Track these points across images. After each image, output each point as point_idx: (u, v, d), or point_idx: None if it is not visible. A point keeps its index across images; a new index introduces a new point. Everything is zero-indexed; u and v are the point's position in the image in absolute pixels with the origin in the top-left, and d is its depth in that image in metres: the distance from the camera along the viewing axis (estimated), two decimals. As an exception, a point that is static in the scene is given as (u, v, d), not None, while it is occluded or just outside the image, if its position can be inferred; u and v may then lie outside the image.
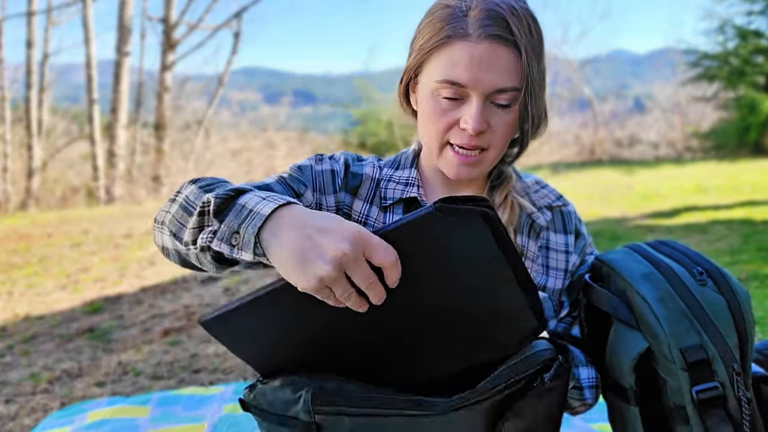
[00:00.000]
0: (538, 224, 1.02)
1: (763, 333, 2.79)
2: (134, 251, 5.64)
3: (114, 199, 10.62)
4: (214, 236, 0.68)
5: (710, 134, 14.26)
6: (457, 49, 0.85)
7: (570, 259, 1.05)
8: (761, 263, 4.04)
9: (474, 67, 0.84)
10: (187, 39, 12.72)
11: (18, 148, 11.25)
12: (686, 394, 0.84)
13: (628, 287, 0.92)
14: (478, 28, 0.84)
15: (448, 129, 0.90)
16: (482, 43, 0.83)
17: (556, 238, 1.04)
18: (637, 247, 1.00)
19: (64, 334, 3.34)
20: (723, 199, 7.06)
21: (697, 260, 0.94)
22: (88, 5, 11.36)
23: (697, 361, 0.83)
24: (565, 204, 1.07)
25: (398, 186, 0.99)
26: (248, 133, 14.77)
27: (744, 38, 13.73)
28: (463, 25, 0.85)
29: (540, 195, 1.05)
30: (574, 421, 1.92)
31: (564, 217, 1.06)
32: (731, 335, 0.85)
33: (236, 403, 2.16)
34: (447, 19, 0.86)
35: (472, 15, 0.85)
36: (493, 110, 0.88)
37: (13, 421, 2.26)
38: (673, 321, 0.85)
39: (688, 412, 0.84)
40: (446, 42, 0.86)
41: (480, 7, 0.85)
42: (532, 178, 1.08)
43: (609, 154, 14.60)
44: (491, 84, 0.85)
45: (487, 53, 0.84)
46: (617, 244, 5.01)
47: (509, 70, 0.85)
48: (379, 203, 0.98)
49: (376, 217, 0.98)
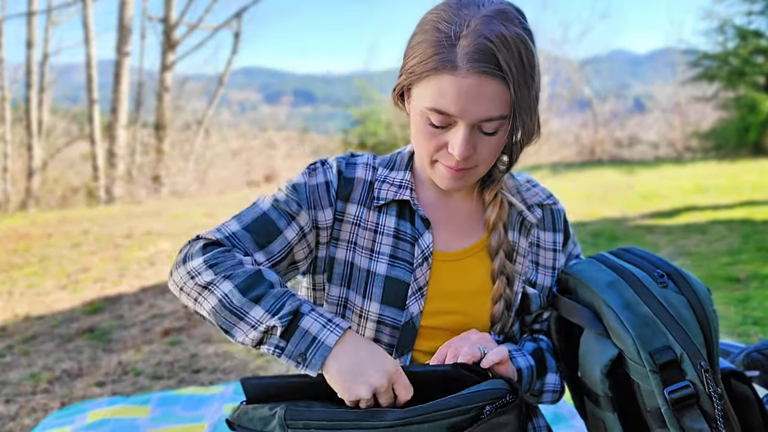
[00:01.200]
0: (528, 221, 1.04)
1: (763, 333, 2.79)
2: (134, 251, 5.64)
3: (114, 199, 10.62)
4: (282, 352, 0.85)
5: (710, 134, 14.25)
6: (445, 81, 0.86)
7: (558, 257, 1.08)
8: (761, 263, 4.04)
9: (462, 99, 0.85)
10: (187, 39, 12.74)
11: (18, 148, 11.26)
12: (659, 395, 0.86)
13: (595, 296, 0.94)
14: (467, 62, 0.84)
15: (436, 151, 0.92)
16: (470, 78, 0.84)
17: (545, 236, 1.07)
18: (601, 257, 1.03)
19: (64, 334, 3.34)
20: (723, 199, 7.06)
21: (658, 264, 0.96)
22: (88, 5, 11.37)
23: (666, 362, 0.85)
24: (555, 203, 1.09)
25: (391, 188, 1.02)
26: (248, 133, 14.78)
27: (744, 38, 13.73)
28: (452, 57, 0.85)
29: (531, 193, 1.07)
30: (574, 422, 1.92)
31: (554, 216, 1.08)
32: (696, 333, 0.87)
33: (236, 403, 2.16)
34: (436, 46, 0.86)
35: (461, 46, 0.84)
36: (480, 136, 0.90)
37: (13, 421, 2.26)
38: (639, 325, 0.88)
39: (663, 413, 0.86)
40: (434, 72, 0.86)
41: (470, 38, 0.84)
42: (524, 176, 1.10)
43: (609, 154, 14.60)
44: (478, 115, 0.87)
45: (475, 87, 0.85)
46: (617, 244, 5.01)
47: (496, 100, 0.86)
48: (371, 204, 1.01)
49: (369, 218, 1.01)
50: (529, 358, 1.00)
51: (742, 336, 2.75)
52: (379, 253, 1.00)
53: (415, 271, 0.99)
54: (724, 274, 3.82)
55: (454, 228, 1.03)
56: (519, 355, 0.99)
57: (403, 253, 1.00)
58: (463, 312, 1.01)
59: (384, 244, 1.00)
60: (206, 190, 11.47)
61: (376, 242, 1.01)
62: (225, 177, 12.20)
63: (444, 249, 1.02)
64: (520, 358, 0.98)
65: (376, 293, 1.00)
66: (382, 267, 1.00)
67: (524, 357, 0.99)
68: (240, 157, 13.24)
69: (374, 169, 1.04)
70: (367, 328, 1.01)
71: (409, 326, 0.99)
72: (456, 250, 1.02)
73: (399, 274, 0.99)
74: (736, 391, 0.94)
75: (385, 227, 1.01)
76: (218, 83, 13.52)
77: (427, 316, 1.00)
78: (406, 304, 0.99)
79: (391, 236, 1.01)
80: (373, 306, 1.00)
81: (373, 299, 1.00)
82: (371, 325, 1.00)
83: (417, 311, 0.99)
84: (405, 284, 0.99)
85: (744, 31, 13.71)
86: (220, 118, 14.49)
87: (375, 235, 1.01)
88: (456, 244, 1.02)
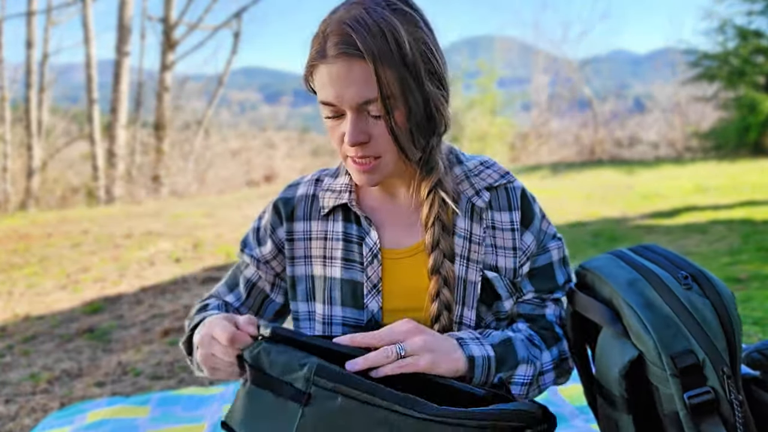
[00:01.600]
0: (477, 206, 1.02)
1: (763, 333, 2.79)
2: (134, 251, 5.64)
3: (114, 199, 10.62)
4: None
5: (710, 134, 14.25)
6: (321, 72, 0.90)
7: (518, 237, 1.03)
8: (761, 263, 4.04)
9: (335, 84, 0.89)
10: (187, 39, 12.75)
11: (18, 148, 11.26)
12: (678, 400, 0.83)
13: (615, 295, 0.92)
14: (332, 47, 0.88)
15: (339, 143, 0.95)
16: (337, 62, 0.88)
17: (501, 216, 1.03)
18: (621, 254, 1.00)
19: (64, 334, 3.34)
20: (723, 199, 7.06)
21: (681, 264, 0.93)
22: (88, 5, 11.37)
23: (687, 367, 0.83)
24: (510, 181, 1.05)
25: (332, 194, 1.05)
26: (248, 133, 14.78)
27: (744, 38, 13.74)
28: (323, 47, 0.90)
29: (483, 176, 1.04)
30: (574, 422, 1.92)
31: (509, 194, 1.04)
32: (719, 338, 0.85)
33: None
34: (315, 41, 0.92)
35: (330, 36, 0.89)
36: (371, 121, 0.91)
37: (13, 421, 2.26)
38: (660, 327, 0.85)
39: (681, 418, 0.84)
40: (314, 66, 0.92)
41: (333, 27, 0.89)
42: (478, 159, 1.07)
43: (609, 154, 14.61)
44: (353, 97, 0.88)
45: (343, 70, 0.88)
46: (617, 244, 5.01)
47: (367, 81, 0.87)
48: (318, 215, 1.06)
49: (319, 227, 1.05)
50: (487, 347, 0.94)
51: (742, 336, 2.75)
52: (332, 258, 1.03)
53: (367, 270, 1.01)
54: (725, 275, 3.82)
55: (401, 226, 1.04)
56: (474, 343, 0.94)
57: (354, 254, 1.02)
58: (420, 308, 1.00)
59: (335, 248, 1.03)
60: (206, 190, 11.48)
61: (327, 248, 1.04)
62: (225, 177, 12.21)
63: (394, 247, 1.02)
64: (474, 345, 0.93)
65: (335, 297, 1.02)
66: (337, 271, 1.02)
67: (480, 346, 0.94)
68: (240, 157, 13.24)
69: (317, 181, 1.09)
70: (333, 332, 1.02)
71: (373, 324, 1.00)
72: (405, 247, 1.02)
73: (353, 275, 1.02)
74: (756, 397, 0.92)
75: (335, 233, 1.04)
76: (218, 83, 13.52)
77: (389, 314, 1.01)
78: (364, 303, 1.01)
79: (341, 240, 1.03)
80: (335, 310, 1.02)
81: (334, 303, 1.02)
82: (337, 329, 1.02)
83: (377, 308, 1.00)
84: (360, 284, 1.01)
85: (744, 31, 13.72)
86: (219, 118, 14.51)
87: (326, 242, 1.04)
88: (405, 241, 1.03)
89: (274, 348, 0.80)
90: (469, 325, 1.00)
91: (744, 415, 0.83)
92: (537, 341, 1.03)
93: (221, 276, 4.51)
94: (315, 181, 1.10)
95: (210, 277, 4.50)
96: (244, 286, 1.12)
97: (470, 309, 1.00)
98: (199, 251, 5.53)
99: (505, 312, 1.04)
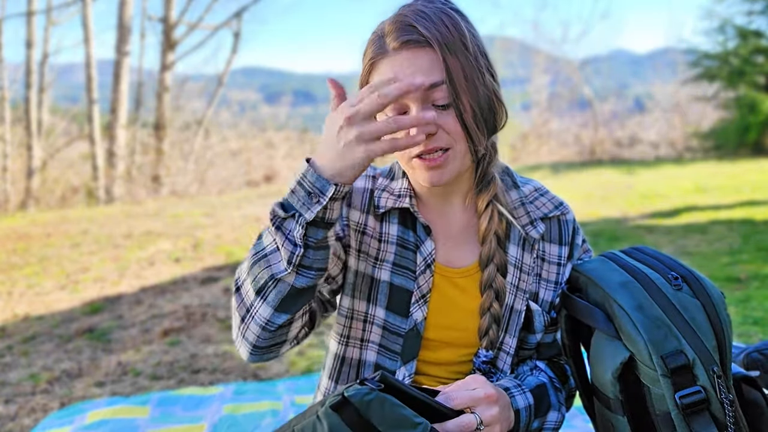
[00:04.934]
0: (531, 237, 1.01)
1: (763, 333, 2.79)
2: (134, 251, 5.64)
3: (114, 199, 10.61)
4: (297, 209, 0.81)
5: (710, 134, 14.25)
6: (382, 67, 0.90)
7: (562, 272, 1.04)
8: (761, 263, 4.04)
9: (400, 75, 0.86)
10: (187, 39, 12.73)
11: (18, 148, 11.25)
12: (670, 400, 0.84)
13: (607, 297, 0.92)
14: (393, 40, 0.88)
15: None
16: (400, 53, 0.88)
17: (551, 249, 1.03)
18: (613, 256, 1.01)
19: (64, 334, 3.34)
20: (723, 199, 7.06)
21: (672, 265, 0.94)
22: (88, 5, 11.36)
23: (678, 367, 0.84)
24: (564, 213, 1.06)
25: (391, 196, 1.02)
26: (248, 133, 14.75)
27: (744, 38, 13.73)
28: (382, 44, 0.90)
29: (537, 204, 1.04)
30: (574, 422, 1.92)
31: (561, 227, 1.05)
32: (709, 338, 0.86)
33: (236, 403, 2.15)
34: (370, 44, 0.92)
35: (387, 32, 0.90)
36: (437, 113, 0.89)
37: (13, 421, 2.26)
38: (651, 328, 0.86)
39: (673, 417, 0.84)
40: (373, 64, 0.91)
41: (390, 22, 0.90)
42: (532, 185, 1.07)
43: (609, 154, 14.60)
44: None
45: (407, 59, 0.87)
46: (617, 244, 5.01)
47: (432, 67, 0.87)
48: (374, 212, 1.01)
49: (374, 226, 1.01)
50: (528, 395, 0.96)
51: (742, 336, 2.75)
52: (383, 261, 1.00)
53: (418, 279, 0.99)
54: (725, 274, 3.82)
55: (454, 242, 1.02)
56: (518, 392, 0.95)
57: (407, 261, 0.99)
58: (462, 328, 1.00)
59: (388, 252, 1.00)
60: (206, 190, 11.47)
61: (380, 250, 1.01)
62: (225, 177, 12.20)
63: (445, 263, 1.01)
64: (519, 396, 0.95)
65: (381, 299, 1.00)
66: (386, 274, 1.00)
67: (523, 395, 0.96)
68: (240, 157, 13.22)
69: (373, 178, 1.04)
70: (372, 332, 1.00)
71: (413, 333, 0.98)
72: (456, 268, 1.01)
73: (402, 282, 0.99)
74: (747, 396, 0.92)
75: (389, 235, 1.01)
76: (218, 83, 13.51)
77: (430, 328, 0.99)
78: (409, 311, 0.98)
79: (395, 244, 1.00)
80: (378, 311, 1.00)
81: (378, 305, 1.00)
82: (377, 329, 1.00)
83: (421, 318, 0.98)
84: (408, 292, 0.99)
85: (744, 30, 13.71)
86: (219, 118, 14.49)
87: (379, 243, 1.01)
88: (456, 261, 1.01)
89: (389, 401, 0.72)
90: (508, 352, 1.01)
91: (735, 414, 0.84)
92: (557, 383, 1.04)
93: (221, 276, 4.52)
94: (371, 177, 1.05)
95: (210, 277, 4.50)
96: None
97: (512, 337, 1.01)
98: (199, 251, 5.53)
99: (530, 346, 1.04)
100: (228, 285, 4.23)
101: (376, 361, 1.01)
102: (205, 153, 12.78)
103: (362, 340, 1.02)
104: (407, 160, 0.93)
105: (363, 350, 1.02)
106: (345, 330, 1.03)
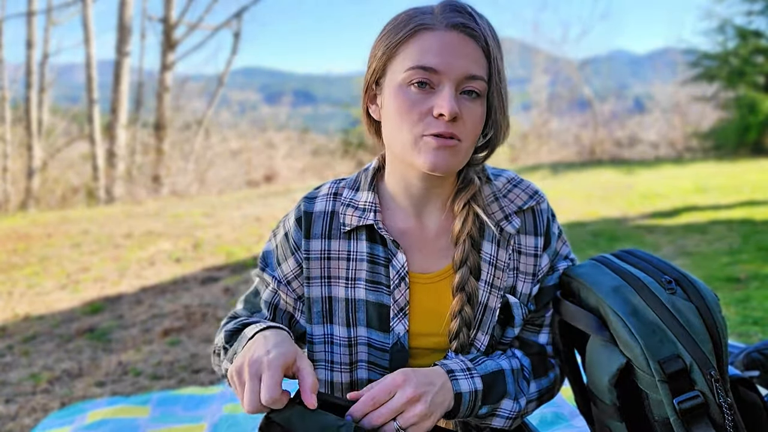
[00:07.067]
0: (507, 232, 0.99)
1: (763, 333, 2.79)
2: (134, 251, 5.64)
3: (114, 199, 10.61)
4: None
5: (710, 134, 14.25)
6: (426, 38, 0.88)
7: (538, 263, 1.02)
8: (761, 263, 4.04)
9: (445, 52, 0.87)
10: (187, 39, 12.73)
11: (18, 148, 11.25)
12: (668, 405, 0.83)
13: (600, 302, 0.91)
14: (444, 18, 0.88)
15: (420, 120, 0.88)
16: (450, 32, 0.88)
17: (527, 241, 1.01)
18: (604, 259, 0.99)
19: (64, 334, 3.34)
20: (723, 199, 7.06)
21: (665, 269, 0.93)
22: (88, 5, 11.36)
23: (675, 372, 0.83)
24: (539, 202, 1.03)
25: (356, 212, 1.00)
26: (248, 133, 14.75)
27: (744, 38, 13.73)
28: (428, 17, 0.89)
29: (511, 197, 1.02)
30: (574, 421, 1.92)
31: (536, 217, 1.02)
32: (705, 342, 0.85)
33: (236, 403, 2.16)
34: (412, 16, 0.91)
35: (436, 10, 0.90)
36: (463, 101, 0.88)
37: (13, 421, 2.26)
38: (647, 333, 0.85)
39: (672, 423, 0.84)
40: (414, 33, 0.89)
41: (444, 5, 0.90)
42: (505, 177, 1.04)
43: (609, 154, 14.60)
44: (462, 70, 0.87)
45: (456, 40, 0.87)
46: (617, 244, 5.01)
47: (477, 60, 0.88)
48: (338, 234, 1.00)
49: (339, 247, 1.00)
50: (476, 380, 0.93)
51: (742, 336, 2.75)
52: (356, 280, 0.99)
53: (394, 293, 0.97)
54: (724, 274, 3.82)
55: (428, 249, 1.00)
56: (464, 376, 0.93)
57: (379, 276, 0.98)
58: (444, 333, 0.99)
59: (359, 269, 0.99)
60: (206, 190, 11.47)
61: (350, 269, 0.99)
62: (225, 177, 12.20)
63: (420, 271, 1.00)
64: (463, 380, 0.92)
65: (360, 318, 0.98)
66: (361, 292, 0.98)
67: (469, 380, 0.93)
68: (240, 157, 13.22)
69: (336, 195, 1.02)
70: (359, 352, 0.99)
71: (398, 347, 0.98)
72: (432, 272, 1.00)
73: (378, 297, 0.98)
74: (744, 399, 0.92)
75: (358, 253, 0.99)
76: (218, 83, 13.51)
77: (414, 337, 0.98)
78: (390, 326, 0.97)
79: (365, 261, 0.98)
80: (360, 330, 0.99)
81: (359, 324, 0.99)
82: (363, 348, 0.99)
83: (403, 331, 0.97)
84: (385, 307, 0.97)
85: (744, 31, 13.71)
86: (220, 118, 14.48)
87: (348, 262, 0.99)
88: (431, 266, 1.00)
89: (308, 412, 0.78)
90: (479, 348, 0.99)
91: (734, 417, 0.83)
92: (527, 373, 1.02)
93: (221, 276, 4.52)
94: (333, 195, 1.03)
95: (210, 277, 4.50)
96: (267, 309, 1.05)
97: (484, 334, 0.99)
98: (199, 251, 5.53)
99: (509, 339, 1.03)
100: (228, 285, 4.23)
101: (368, 377, 1.00)
102: (206, 153, 12.79)
103: (351, 364, 1.01)
104: (416, 139, 0.89)
105: (353, 372, 1.01)
106: (327, 355, 1.01)
